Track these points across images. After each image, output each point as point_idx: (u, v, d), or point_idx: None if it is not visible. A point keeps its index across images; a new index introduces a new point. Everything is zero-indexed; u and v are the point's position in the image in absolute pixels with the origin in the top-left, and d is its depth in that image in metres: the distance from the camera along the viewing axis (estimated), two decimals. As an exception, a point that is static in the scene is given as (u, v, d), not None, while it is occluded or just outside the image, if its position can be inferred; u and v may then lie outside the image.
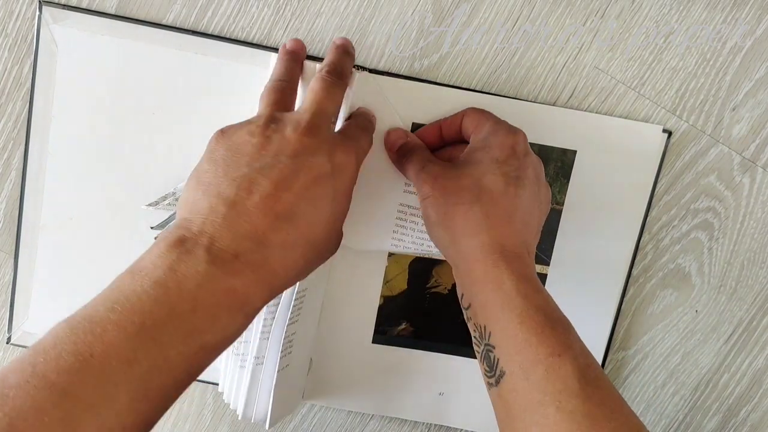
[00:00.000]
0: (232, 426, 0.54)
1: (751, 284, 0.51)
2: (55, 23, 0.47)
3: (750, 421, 0.53)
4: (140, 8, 0.47)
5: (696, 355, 0.52)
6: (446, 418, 0.52)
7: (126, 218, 0.49)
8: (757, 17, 0.47)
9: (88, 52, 0.47)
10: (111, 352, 0.27)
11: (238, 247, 0.32)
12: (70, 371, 0.27)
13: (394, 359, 0.51)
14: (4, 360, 0.53)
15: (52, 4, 0.47)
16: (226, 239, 0.32)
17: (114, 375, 0.27)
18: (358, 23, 0.47)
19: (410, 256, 0.50)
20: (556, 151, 0.48)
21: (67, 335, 0.28)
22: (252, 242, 0.32)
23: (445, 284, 0.51)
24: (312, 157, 0.35)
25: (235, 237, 0.32)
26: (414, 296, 0.51)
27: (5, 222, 0.50)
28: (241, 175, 0.33)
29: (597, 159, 0.48)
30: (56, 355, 0.27)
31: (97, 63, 0.47)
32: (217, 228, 0.32)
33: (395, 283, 0.50)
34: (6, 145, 0.49)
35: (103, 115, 0.48)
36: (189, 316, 0.30)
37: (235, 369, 0.47)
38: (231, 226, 0.32)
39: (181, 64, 0.47)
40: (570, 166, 0.48)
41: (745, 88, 0.48)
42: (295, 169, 0.34)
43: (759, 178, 0.49)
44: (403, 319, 0.51)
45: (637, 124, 0.48)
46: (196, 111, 0.47)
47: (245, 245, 0.32)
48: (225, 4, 0.47)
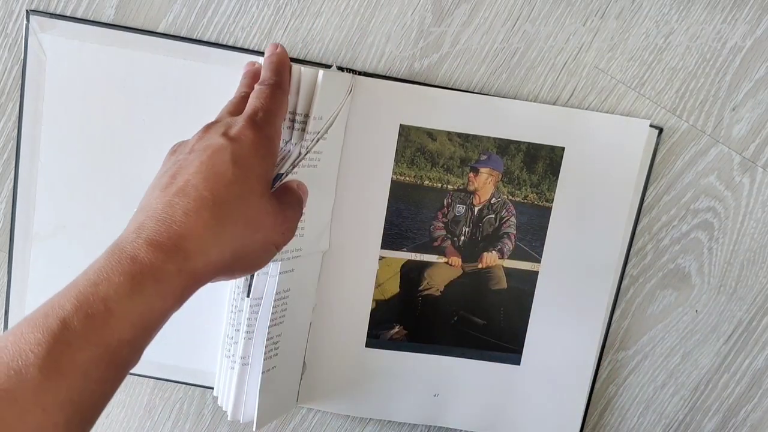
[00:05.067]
0: (232, 426, 0.54)
1: (751, 284, 0.51)
2: (43, 32, 0.47)
3: (750, 421, 0.53)
4: (139, 10, 0.47)
5: (696, 355, 0.52)
6: (442, 418, 0.52)
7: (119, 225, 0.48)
8: (757, 17, 0.47)
9: (77, 60, 0.47)
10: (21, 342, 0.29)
11: (141, 227, 0.33)
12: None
13: (388, 362, 0.51)
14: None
15: (39, 13, 0.46)
16: (131, 227, 0.34)
17: (24, 357, 0.28)
18: (358, 23, 0.47)
19: (402, 259, 0.50)
20: (544, 149, 0.48)
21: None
22: (154, 221, 0.33)
23: (437, 286, 0.50)
24: (208, 140, 0.37)
25: (140, 224, 0.33)
26: (406, 299, 0.50)
27: (5, 222, 0.50)
28: (162, 172, 0.37)
29: (585, 155, 0.48)
30: None
31: (86, 71, 0.47)
32: (131, 224, 0.34)
33: (387, 287, 0.50)
34: (6, 145, 0.49)
35: (93, 123, 0.48)
36: (91, 290, 0.30)
37: (226, 371, 0.47)
38: (137, 218, 0.34)
39: (171, 71, 0.47)
40: (558, 164, 0.48)
41: (745, 88, 0.48)
42: (196, 154, 0.36)
43: (759, 178, 0.49)
44: (396, 323, 0.51)
45: (624, 119, 0.48)
46: (187, 117, 0.47)
47: (149, 224, 0.33)
48: (225, 3, 0.47)
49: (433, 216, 0.49)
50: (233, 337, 0.46)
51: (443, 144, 0.48)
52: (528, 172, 0.48)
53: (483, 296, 0.50)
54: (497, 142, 0.48)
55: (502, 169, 0.48)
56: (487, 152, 0.48)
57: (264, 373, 0.45)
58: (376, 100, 0.46)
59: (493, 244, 0.50)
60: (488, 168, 0.48)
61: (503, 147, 0.48)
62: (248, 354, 0.45)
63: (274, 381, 0.47)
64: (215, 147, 0.36)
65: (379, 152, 0.48)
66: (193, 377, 0.52)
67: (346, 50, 0.47)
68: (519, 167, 0.48)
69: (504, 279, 0.50)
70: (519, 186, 0.49)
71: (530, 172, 0.48)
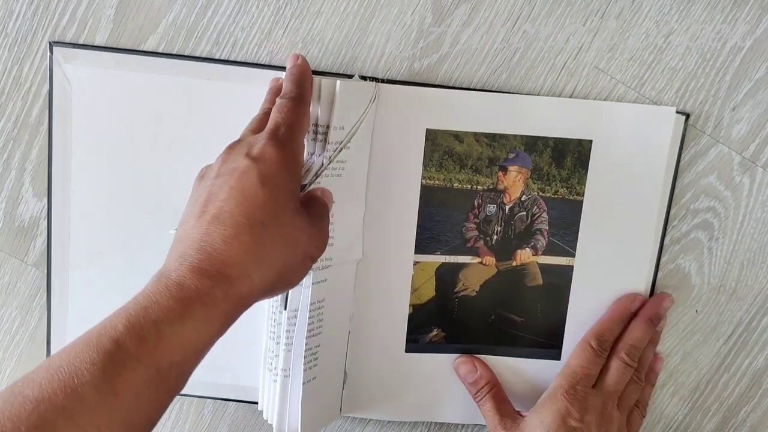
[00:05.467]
0: (231, 426, 0.54)
1: (751, 284, 0.51)
2: (67, 63, 0.47)
3: (750, 421, 0.53)
4: (140, 9, 0.47)
5: (696, 355, 0.52)
6: None
7: (153, 249, 0.49)
8: (757, 17, 0.47)
9: (101, 88, 0.47)
10: (76, 361, 0.29)
11: (183, 256, 0.33)
12: (42, 383, 0.28)
13: (428, 366, 0.51)
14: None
15: (62, 44, 0.47)
16: (173, 257, 0.34)
17: (80, 375, 0.29)
18: (358, 23, 0.47)
19: (436, 263, 0.50)
20: (572, 143, 0.48)
21: (44, 362, 0.30)
22: (195, 250, 0.34)
23: (472, 286, 0.50)
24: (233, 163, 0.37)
25: (181, 253, 0.34)
26: (443, 302, 0.50)
27: (4, 222, 0.50)
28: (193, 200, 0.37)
29: (613, 146, 0.48)
30: (33, 377, 0.29)
31: (111, 98, 0.47)
32: (171, 254, 0.35)
33: (423, 291, 0.50)
34: (6, 145, 0.49)
35: (121, 149, 0.48)
36: (142, 312, 0.31)
37: (269, 384, 0.47)
38: (177, 248, 0.35)
39: (194, 91, 0.47)
40: (587, 156, 0.48)
41: (745, 88, 0.48)
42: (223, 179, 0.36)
43: (759, 178, 0.49)
44: (434, 326, 0.51)
45: (649, 108, 0.48)
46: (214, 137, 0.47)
47: (189, 253, 0.33)
48: (225, 3, 0.47)
49: (464, 218, 0.49)
50: (274, 350, 0.46)
51: (470, 145, 0.48)
52: (557, 167, 0.48)
53: (519, 294, 0.50)
54: (524, 139, 0.48)
55: (530, 166, 0.48)
56: (515, 150, 0.48)
57: (305, 384, 0.45)
58: (401, 106, 0.46)
59: (526, 241, 0.50)
60: (517, 166, 0.48)
61: (530, 144, 0.48)
62: (289, 366, 0.45)
63: (315, 391, 0.47)
64: (241, 169, 0.36)
65: (407, 158, 0.47)
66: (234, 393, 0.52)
67: (346, 50, 0.47)
68: (548, 163, 0.48)
69: (539, 275, 0.50)
70: (549, 182, 0.49)
71: (559, 167, 0.48)
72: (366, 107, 0.44)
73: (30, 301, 0.52)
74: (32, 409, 0.27)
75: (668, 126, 0.48)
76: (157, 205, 0.49)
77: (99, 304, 0.50)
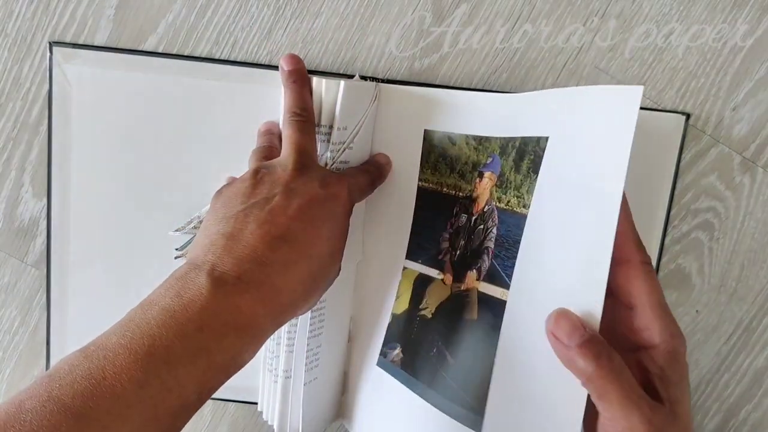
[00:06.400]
0: (231, 426, 0.54)
1: (752, 284, 0.51)
2: (67, 63, 0.47)
3: (750, 421, 0.53)
4: (140, 9, 0.47)
5: (696, 355, 0.52)
6: None
7: (154, 248, 0.49)
8: (757, 17, 0.47)
9: (101, 88, 0.47)
10: (122, 374, 0.28)
11: (239, 269, 0.33)
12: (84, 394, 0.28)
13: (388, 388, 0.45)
14: (4, 360, 0.53)
15: (62, 44, 0.47)
16: (227, 263, 0.33)
17: (125, 396, 0.28)
18: (358, 23, 0.47)
19: (416, 272, 0.45)
20: (531, 143, 0.37)
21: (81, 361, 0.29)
22: (252, 263, 0.33)
23: (430, 307, 0.43)
24: (304, 185, 0.37)
25: (235, 261, 0.33)
26: (409, 318, 0.44)
27: (4, 222, 0.50)
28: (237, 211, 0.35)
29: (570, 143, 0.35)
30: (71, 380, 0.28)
31: (111, 98, 0.47)
32: (218, 255, 0.34)
33: (401, 301, 0.45)
34: (6, 145, 0.49)
35: (121, 148, 0.48)
36: (196, 336, 0.30)
37: (270, 385, 0.47)
38: (231, 252, 0.34)
39: (194, 91, 0.47)
40: (540, 158, 0.36)
41: (745, 88, 0.48)
42: (289, 195, 0.36)
43: (759, 178, 0.49)
44: (398, 343, 0.45)
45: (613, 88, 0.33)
46: (213, 135, 0.47)
47: (246, 266, 0.33)
48: (225, 3, 0.47)
49: (444, 226, 0.43)
50: (274, 351, 0.46)
51: (461, 148, 0.43)
52: (515, 172, 0.38)
53: (455, 327, 0.40)
54: (500, 141, 0.40)
55: (498, 172, 0.40)
56: (492, 154, 0.41)
57: (306, 384, 0.45)
58: (401, 106, 0.45)
59: (475, 261, 0.40)
60: (489, 172, 0.41)
61: (504, 147, 0.40)
62: (290, 367, 0.45)
63: (316, 392, 0.47)
64: (312, 196, 0.37)
65: (406, 158, 0.45)
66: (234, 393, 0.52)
67: (346, 50, 0.47)
68: (510, 167, 0.39)
69: (476, 307, 0.39)
70: (505, 190, 0.39)
71: (517, 172, 0.38)
72: (367, 107, 0.44)
73: (30, 301, 0.52)
74: None
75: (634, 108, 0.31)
76: (156, 205, 0.49)
77: (99, 304, 0.50)
